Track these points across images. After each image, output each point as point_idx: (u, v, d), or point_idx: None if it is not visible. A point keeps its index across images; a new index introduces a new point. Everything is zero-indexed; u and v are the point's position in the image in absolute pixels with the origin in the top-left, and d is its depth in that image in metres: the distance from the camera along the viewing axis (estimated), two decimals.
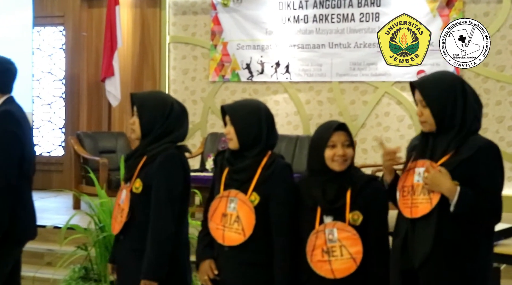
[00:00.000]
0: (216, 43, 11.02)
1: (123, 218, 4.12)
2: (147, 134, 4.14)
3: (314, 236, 3.79)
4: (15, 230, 4.63)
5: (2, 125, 4.60)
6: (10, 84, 4.80)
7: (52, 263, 7.41)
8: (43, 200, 9.93)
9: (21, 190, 4.70)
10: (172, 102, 4.19)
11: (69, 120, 12.07)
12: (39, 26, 12.01)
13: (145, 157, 4.11)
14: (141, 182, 4.09)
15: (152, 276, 4.00)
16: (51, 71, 12.30)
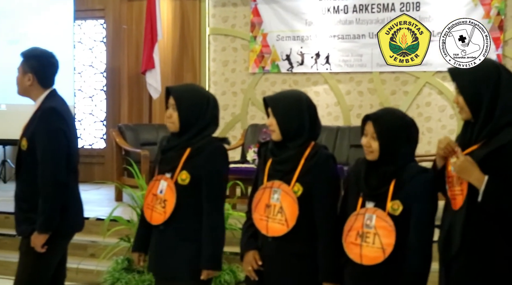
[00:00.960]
0: (255, 34, 11.02)
1: (168, 209, 4.14)
2: (186, 127, 4.17)
3: (354, 217, 3.79)
4: (64, 224, 4.68)
5: (48, 123, 4.63)
6: (53, 78, 4.84)
7: (95, 255, 7.47)
8: (85, 192, 9.91)
9: (69, 185, 4.75)
10: (208, 95, 4.26)
11: (110, 112, 12.16)
12: (80, 20, 12.10)
13: (189, 149, 4.13)
14: (188, 174, 4.11)
15: (216, 265, 4.12)
16: (92, 64, 12.39)
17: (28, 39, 10.83)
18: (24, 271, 4.75)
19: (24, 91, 4.80)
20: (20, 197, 4.78)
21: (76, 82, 11.99)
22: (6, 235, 8.43)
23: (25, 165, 4.70)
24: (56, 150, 4.61)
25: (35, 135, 4.62)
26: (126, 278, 6.46)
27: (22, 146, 4.70)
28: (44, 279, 4.77)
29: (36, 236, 4.60)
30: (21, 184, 4.79)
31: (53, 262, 4.79)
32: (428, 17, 9.77)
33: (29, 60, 4.78)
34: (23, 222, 4.74)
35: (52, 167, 4.58)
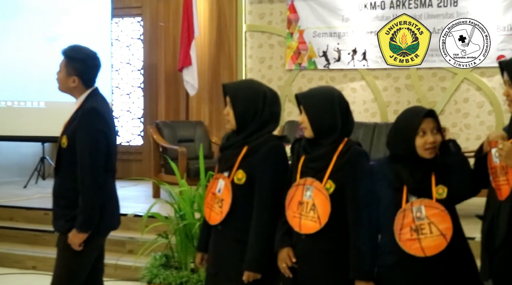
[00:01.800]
0: (292, 31, 11.01)
1: (225, 209, 4.14)
2: (243, 124, 4.16)
3: (401, 215, 3.77)
4: (101, 223, 4.71)
5: (89, 123, 4.66)
6: (95, 78, 4.88)
7: (133, 251, 7.52)
8: (123, 189, 10.05)
9: (107, 184, 4.78)
10: (264, 91, 4.20)
11: (148, 109, 12.21)
12: (118, 17, 12.16)
13: (246, 147, 4.12)
14: (244, 173, 4.11)
15: (258, 267, 4.05)
16: (130, 62, 12.46)
17: (66, 36, 10.90)
18: (62, 267, 4.79)
19: (66, 90, 4.83)
20: (58, 193, 4.81)
21: (114, 79, 12.06)
22: (45, 231, 8.51)
23: (64, 162, 4.73)
24: (95, 151, 4.64)
25: (75, 134, 4.65)
26: (164, 274, 6.46)
27: (62, 144, 4.73)
28: (82, 275, 4.80)
29: (75, 234, 4.63)
30: (59, 181, 4.82)
31: (90, 259, 4.82)
32: (466, 12, 9.69)
33: (74, 62, 4.79)
34: (60, 218, 4.77)
35: (91, 168, 4.61)
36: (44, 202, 9.35)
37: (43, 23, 11.21)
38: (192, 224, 6.42)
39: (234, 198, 4.12)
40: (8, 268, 8.20)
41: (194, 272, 6.50)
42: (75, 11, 11.15)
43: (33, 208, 9.13)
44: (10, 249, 8.49)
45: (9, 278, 7.88)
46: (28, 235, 8.68)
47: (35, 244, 8.52)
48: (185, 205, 6.55)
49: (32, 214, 9.05)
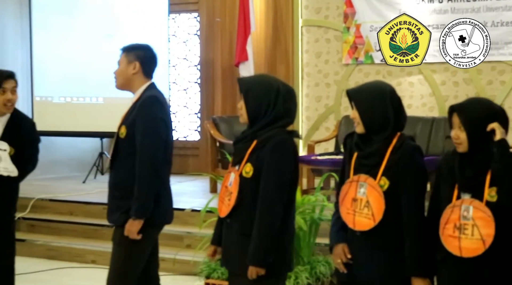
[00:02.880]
0: (349, 25, 10.95)
1: (231, 202, 4.12)
2: (255, 119, 4.12)
3: (449, 210, 3.74)
4: (156, 214, 4.75)
5: (150, 110, 4.70)
6: (153, 71, 4.92)
7: (191, 246, 7.57)
8: (180, 184, 10.12)
9: (164, 175, 4.81)
10: (278, 86, 4.16)
11: (204, 105, 12.27)
12: (174, 13, 12.24)
13: (256, 141, 4.09)
14: (252, 166, 4.07)
15: (259, 261, 4.00)
16: (186, 57, 12.52)
17: (123, 33, 11.01)
18: (118, 261, 4.84)
19: (125, 81, 4.87)
20: (114, 184, 4.86)
21: (171, 75, 12.13)
22: (104, 225, 8.59)
23: (122, 153, 4.78)
24: (156, 138, 4.68)
25: (135, 122, 4.69)
26: (222, 269, 6.50)
27: (120, 134, 4.77)
28: (137, 268, 4.85)
29: (131, 223, 4.67)
30: (115, 172, 4.87)
31: (145, 252, 4.87)
32: None
33: (134, 50, 4.88)
34: (116, 210, 4.83)
35: (150, 155, 4.65)
36: (103, 196, 9.35)
37: (101, 20, 11.33)
38: None
39: (241, 192, 4.10)
40: (68, 262, 8.32)
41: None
42: (132, 8, 11.24)
43: (92, 203, 9.25)
44: (70, 243, 8.61)
45: (69, 272, 7.99)
46: (88, 230, 8.80)
47: (94, 238, 8.63)
48: None
49: (91, 208, 9.17)
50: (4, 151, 5.54)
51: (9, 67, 11.03)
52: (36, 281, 7.59)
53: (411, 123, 9.56)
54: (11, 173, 5.55)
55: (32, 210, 9.31)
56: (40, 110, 11.50)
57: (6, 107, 5.54)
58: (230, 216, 4.15)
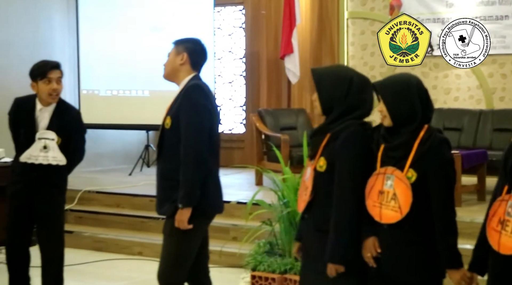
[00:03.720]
0: (395, 17, 10.86)
1: (307, 197, 4.11)
2: (329, 110, 4.10)
3: (498, 203, 3.67)
4: (204, 204, 4.73)
5: (193, 97, 4.71)
6: (202, 64, 4.93)
7: (237, 238, 7.58)
8: (226, 176, 10.11)
9: (210, 164, 4.80)
10: (351, 76, 4.11)
11: (250, 97, 12.28)
12: (220, 6, 12.26)
13: (329, 134, 4.07)
14: (325, 160, 4.04)
15: (337, 259, 3.97)
16: (232, 50, 12.54)
17: (169, 26, 11.06)
18: (169, 252, 4.83)
19: (172, 71, 4.88)
20: (162, 175, 4.85)
21: (216, 68, 12.16)
22: (151, 217, 8.68)
23: (168, 143, 4.77)
24: (199, 125, 4.66)
25: (179, 111, 4.70)
26: (268, 261, 6.51)
27: (165, 125, 4.78)
28: (188, 259, 4.84)
29: (180, 212, 4.65)
30: (163, 163, 4.85)
31: (196, 243, 4.86)
32: None
33: (184, 42, 4.90)
34: (165, 201, 4.81)
35: (194, 141, 4.63)
36: (149, 189, 9.47)
37: (147, 14, 11.38)
38: (296, 212, 6.42)
39: (315, 186, 4.08)
40: (116, 254, 8.39)
41: (298, 259, 6.52)
42: (178, 1, 11.28)
43: (138, 195, 9.31)
44: (117, 235, 8.68)
45: (116, 264, 8.05)
46: (135, 222, 8.86)
47: (141, 230, 8.70)
48: (289, 192, 6.57)
49: (138, 200, 9.23)
50: (52, 140, 5.59)
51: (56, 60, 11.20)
52: (84, 272, 7.66)
53: (457, 115, 9.58)
54: (59, 162, 5.59)
55: (79, 202, 9.40)
56: (87, 103, 11.59)
57: (51, 97, 5.60)
58: (307, 211, 4.15)
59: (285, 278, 6.48)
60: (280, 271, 6.47)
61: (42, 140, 5.60)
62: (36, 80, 5.61)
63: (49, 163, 5.58)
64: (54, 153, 5.58)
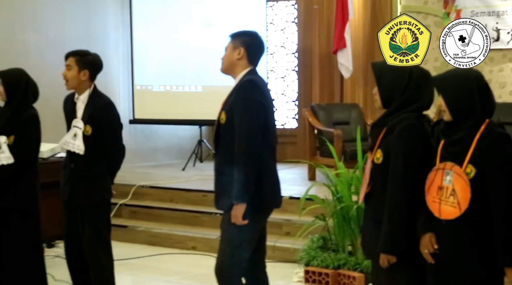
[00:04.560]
0: (449, 11, 10.75)
1: (364, 188, 4.17)
2: (388, 104, 4.13)
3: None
4: (259, 200, 4.73)
5: (247, 93, 4.71)
6: (258, 58, 4.93)
7: (290, 233, 7.58)
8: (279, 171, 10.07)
9: (264, 158, 4.80)
10: (411, 69, 4.14)
11: (302, 92, 12.27)
12: (272, 1, 12.26)
13: (385, 128, 4.09)
14: (382, 152, 4.07)
15: (389, 249, 4.00)
16: (284, 45, 12.54)
17: (221, 21, 11.09)
18: (226, 247, 4.84)
19: (229, 65, 4.89)
20: (219, 170, 4.86)
21: (268, 63, 12.16)
22: (204, 212, 8.72)
23: (223, 138, 4.79)
24: (253, 120, 4.66)
25: (233, 106, 4.71)
26: (322, 257, 6.51)
27: (221, 120, 4.79)
28: (245, 254, 4.84)
29: (234, 208, 4.67)
30: (219, 158, 4.87)
31: (253, 238, 4.86)
32: None
33: (241, 36, 4.91)
34: (221, 196, 4.83)
35: (248, 137, 4.63)
36: (203, 184, 9.56)
37: (199, 9, 11.43)
38: (350, 207, 6.42)
39: (373, 178, 4.13)
40: (169, 248, 8.44)
41: (352, 254, 6.51)
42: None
43: (192, 190, 9.36)
44: (171, 230, 8.73)
45: (170, 258, 8.10)
46: (188, 216, 8.91)
47: (194, 225, 8.74)
48: (343, 187, 6.56)
49: (191, 195, 9.28)
50: (79, 129, 5.60)
51: (110, 57, 11.36)
52: (138, 267, 7.72)
53: None
54: (80, 151, 5.57)
55: (133, 197, 9.47)
56: (140, 99, 11.70)
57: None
58: (366, 203, 4.22)
59: (339, 273, 6.47)
60: (334, 267, 6.46)
61: (74, 128, 5.64)
62: None
63: (74, 151, 5.60)
64: (78, 142, 5.59)
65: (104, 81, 10.80)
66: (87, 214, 5.63)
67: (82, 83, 5.61)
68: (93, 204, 5.65)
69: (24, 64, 6.48)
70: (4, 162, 5.69)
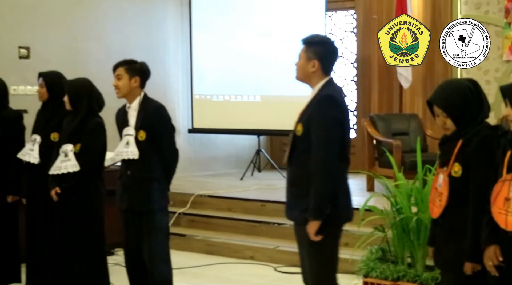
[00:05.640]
0: (510, 20, 10.62)
1: (443, 202, 4.16)
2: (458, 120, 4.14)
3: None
4: (334, 214, 4.70)
5: (325, 110, 4.67)
6: (333, 66, 4.89)
7: (349, 244, 7.51)
8: None
9: (341, 173, 4.80)
10: (465, 84, 4.19)
11: (361, 102, 12.22)
12: (331, 11, 12.24)
13: (461, 140, 4.10)
14: (460, 165, 4.09)
15: (474, 257, 4.01)
16: (343, 55, 12.51)
17: (280, 31, 11.11)
18: (317, 262, 4.82)
19: (305, 76, 4.84)
20: (291, 182, 4.85)
21: None
22: (262, 222, 8.74)
23: (298, 150, 4.76)
24: (331, 137, 4.62)
25: (311, 120, 4.69)
26: (381, 268, 6.45)
27: (296, 132, 4.75)
28: (336, 265, 4.97)
29: (310, 224, 4.64)
30: (292, 169, 4.85)
31: (335, 249, 4.91)
32: None
33: (314, 46, 4.82)
34: (294, 208, 4.80)
35: (325, 154, 4.60)
36: (261, 193, 9.58)
37: (258, 18, 11.46)
38: (409, 218, 6.36)
39: (452, 192, 4.12)
40: (227, 257, 8.47)
41: (411, 266, 6.45)
42: (289, 6, 11.31)
43: (250, 200, 9.37)
44: (229, 239, 8.75)
45: (228, 267, 8.13)
46: (246, 226, 8.92)
47: (252, 235, 8.75)
48: (402, 198, 6.50)
49: (249, 205, 9.29)
50: (131, 136, 5.68)
51: (170, 67, 11.48)
52: (196, 275, 7.76)
53: None
54: (134, 155, 5.64)
55: (192, 206, 9.53)
56: (199, 108, 11.77)
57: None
58: (443, 217, 4.21)
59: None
60: (393, 278, 6.40)
61: (126, 137, 5.71)
62: None
63: (128, 158, 5.67)
64: (131, 148, 5.66)
65: (163, 91, 10.99)
66: (145, 221, 5.70)
67: (133, 90, 5.74)
68: (151, 210, 5.71)
69: (87, 73, 6.62)
70: (70, 169, 5.84)
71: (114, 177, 6.06)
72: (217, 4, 11.87)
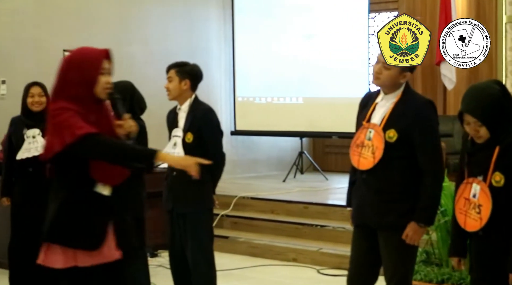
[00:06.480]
0: None
1: (484, 214, 4.03)
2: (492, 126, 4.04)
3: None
4: None
5: (429, 115, 4.78)
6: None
7: None
8: None
9: None
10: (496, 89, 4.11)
11: None
12: (374, 13, 12.19)
13: (498, 147, 4.02)
14: (502, 174, 3.98)
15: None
16: None
17: (323, 33, 11.09)
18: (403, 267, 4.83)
19: (391, 84, 4.90)
20: (379, 187, 4.74)
21: (370, 74, 12.08)
22: (306, 224, 8.73)
23: (389, 156, 4.68)
24: (438, 144, 4.78)
25: (411, 129, 4.68)
26: (425, 271, 6.41)
27: (388, 138, 4.68)
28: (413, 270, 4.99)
29: (417, 229, 4.64)
30: (379, 174, 4.74)
31: None
32: None
33: None
34: (386, 214, 4.71)
35: (438, 162, 4.75)
36: (304, 195, 9.58)
37: (301, 21, 11.44)
38: None
39: (495, 203, 4.00)
40: (270, 260, 8.47)
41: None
42: (331, 8, 11.28)
43: (293, 202, 9.36)
44: (272, 241, 8.76)
45: (271, 270, 8.13)
46: (289, 228, 8.91)
47: (295, 237, 8.74)
48: (447, 200, 6.44)
49: (292, 207, 9.28)
50: (178, 138, 5.70)
51: (212, 69, 11.51)
52: (239, 277, 7.77)
53: None
54: None
55: (235, 208, 9.54)
56: (242, 111, 11.80)
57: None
58: (483, 229, 4.07)
59: None
60: (437, 281, 6.35)
61: (174, 138, 5.74)
62: None
63: None
64: (178, 149, 5.68)
65: (206, 93, 11.00)
66: (190, 222, 5.71)
67: (183, 92, 5.76)
68: (195, 212, 5.73)
69: (130, 76, 6.66)
70: None
71: (159, 178, 6.09)
72: (259, 6, 11.89)
